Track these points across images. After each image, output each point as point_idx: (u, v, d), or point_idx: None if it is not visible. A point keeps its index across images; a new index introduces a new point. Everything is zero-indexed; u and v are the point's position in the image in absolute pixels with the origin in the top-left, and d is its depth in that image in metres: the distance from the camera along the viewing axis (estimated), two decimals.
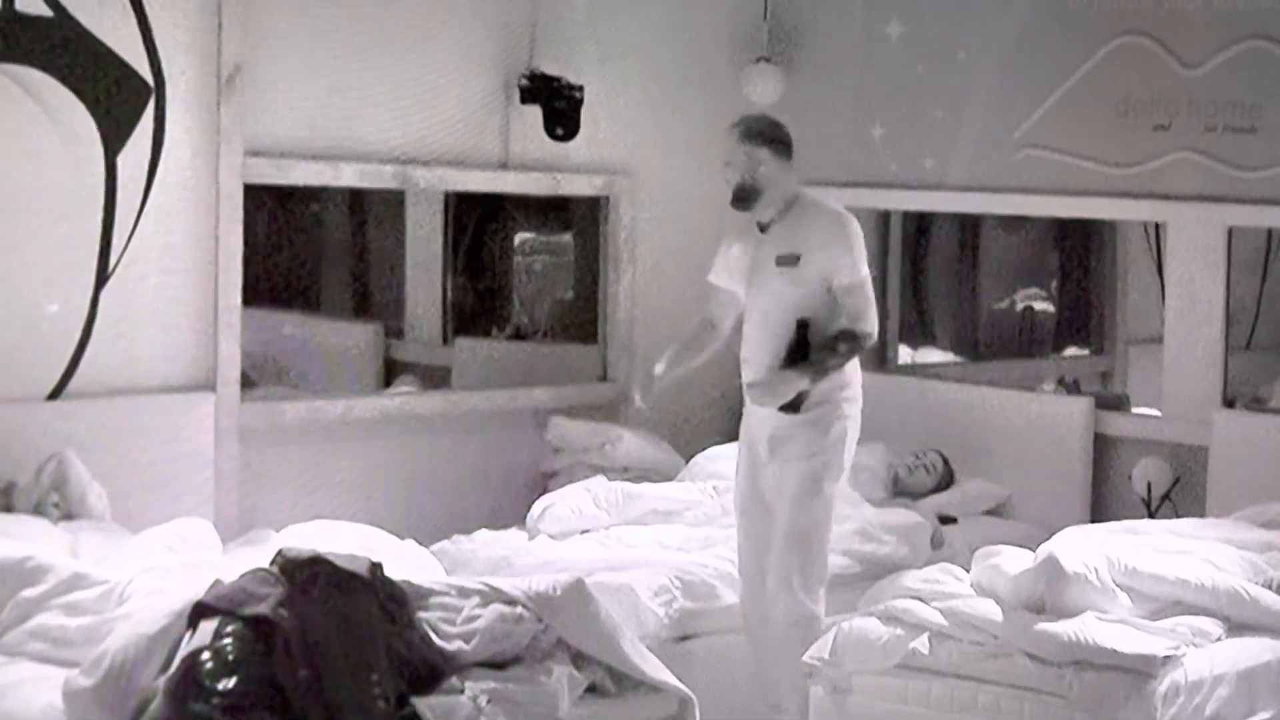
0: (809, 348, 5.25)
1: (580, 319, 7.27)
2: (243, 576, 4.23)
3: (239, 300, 5.87)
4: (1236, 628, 5.03)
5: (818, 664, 5.09)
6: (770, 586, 5.29)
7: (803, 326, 5.26)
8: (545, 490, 6.44)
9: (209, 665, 3.95)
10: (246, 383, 6.00)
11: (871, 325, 5.33)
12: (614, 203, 7.00)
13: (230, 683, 3.92)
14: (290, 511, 5.79)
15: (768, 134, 5.40)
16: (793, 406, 5.31)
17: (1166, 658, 4.73)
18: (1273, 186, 6.29)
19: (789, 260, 5.31)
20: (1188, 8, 6.45)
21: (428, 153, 6.43)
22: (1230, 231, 6.42)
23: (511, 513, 6.36)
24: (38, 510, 5.14)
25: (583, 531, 6.10)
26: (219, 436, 5.77)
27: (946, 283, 7.74)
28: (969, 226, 7.75)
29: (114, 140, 5.55)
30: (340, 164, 6.20)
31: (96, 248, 5.54)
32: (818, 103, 7.30)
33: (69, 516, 5.20)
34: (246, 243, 5.89)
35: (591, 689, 4.42)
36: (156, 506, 5.45)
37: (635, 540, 5.99)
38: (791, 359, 5.26)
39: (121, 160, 5.57)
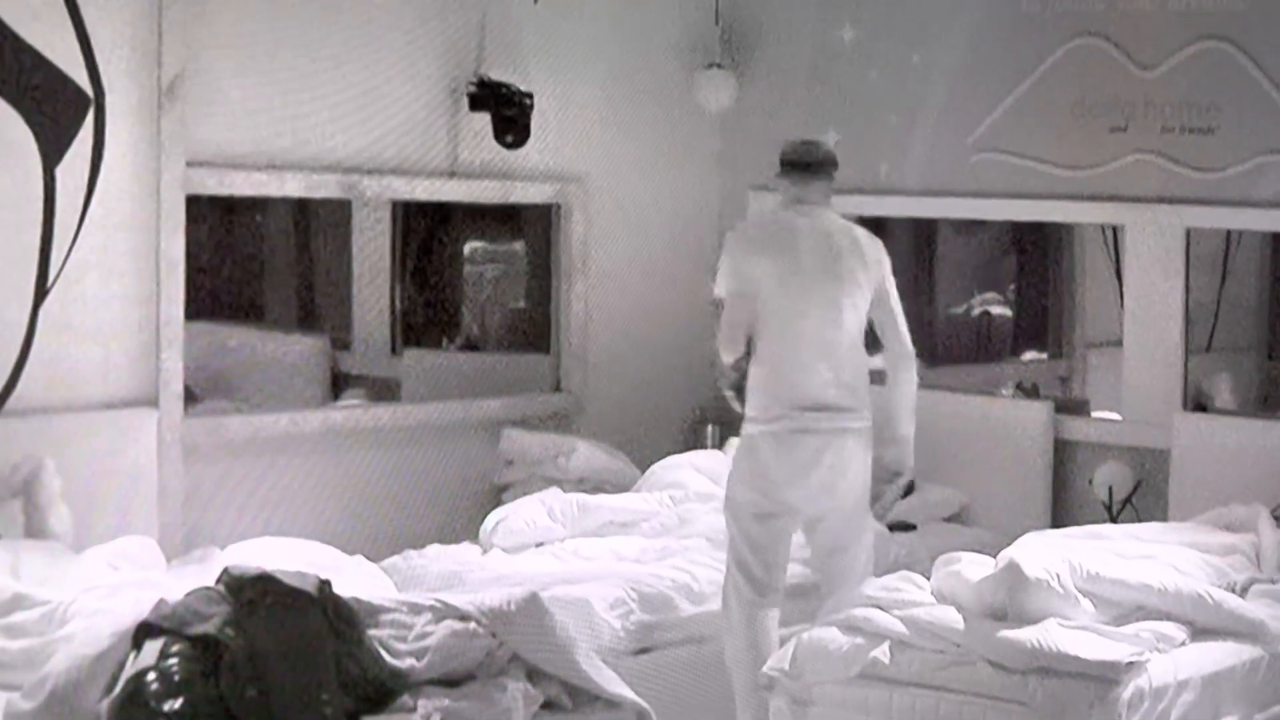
0: None
1: (533, 329, 7.25)
2: (188, 595, 4.20)
3: (181, 313, 5.81)
4: (1200, 632, 5.03)
5: (777, 675, 5.05)
6: None
7: None
8: (498, 503, 6.41)
9: (154, 686, 3.93)
10: (190, 397, 5.95)
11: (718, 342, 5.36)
12: (566, 210, 6.97)
13: (176, 704, 3.90)
14: (236, 528, 5.75)
15: None
16: None
17: (1130, 664, 4.72)
18: (1231, 187, 6.30)
19: None
20: (1143, 9, 6.45)
21: (374, 161, 6.39)
22: (1189, 233, 6.43)
23: (464, 527, 6.32)
24: None
25: (537, 544, 6.07)
26: (162, 453, 5.70)
27: (902, 288, 7.65)
28: (925, 231, 7.73)
29: (52, 152, 5.48)
30: (284, 174, 6.15)
31: (35, 261, 5.46)
32: (770, 108, 7.29)
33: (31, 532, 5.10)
34: (189, 255, 5.83)
35: (547, 705, 4.43)
36: (99, 525, 5.38)
37: (591, 552, 5.95)
38: None
39: (60, 172, 5.50)
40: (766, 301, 5.23)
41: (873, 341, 5.49)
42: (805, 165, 5.39)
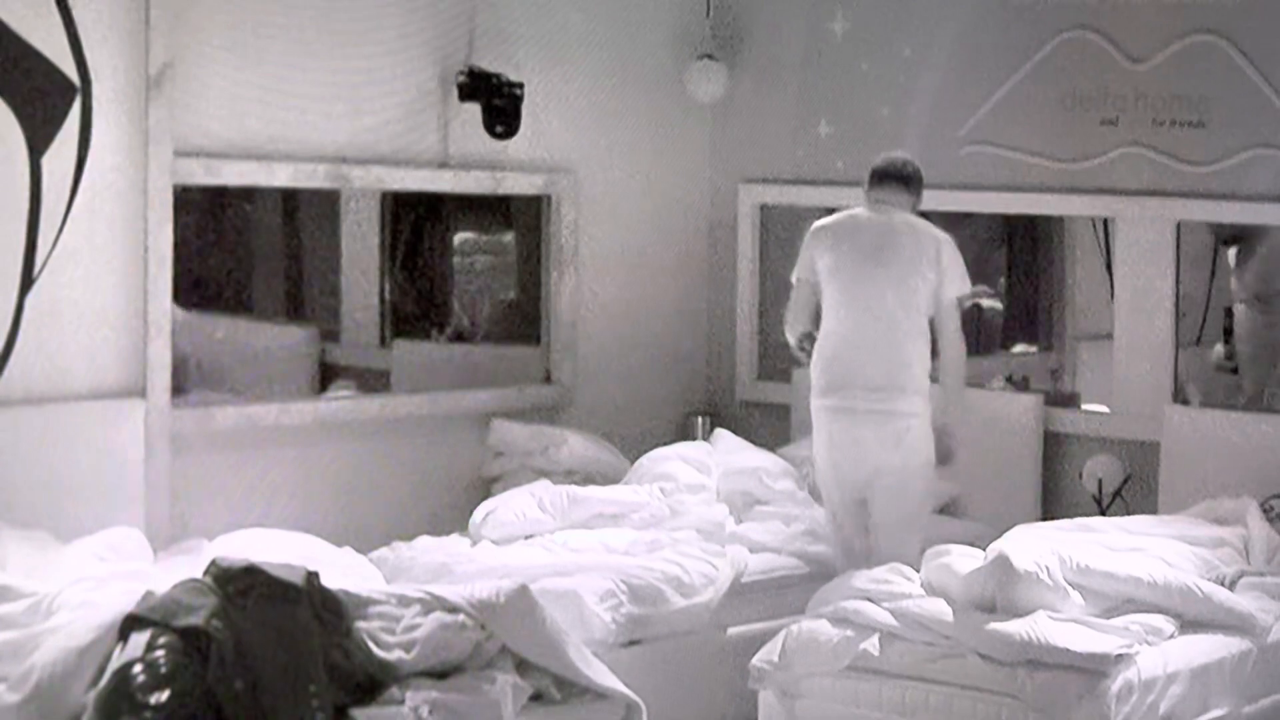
0: None
1: (522, 320, 7.24)
2: (175, 587, 4.21)
3: (169, 304, 5.77)
4: (1189, 625, 5.06)
5: (766, 668, 5.05)
6: None
7: None
8: (488, 495, 6.38)
9: (141, 678, 3.94)
10: (178, 388, 5.89)
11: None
12: (556, 201, 6.95)
13: (163, 696, 3.91)
14: (224, 520, 5.71)
15: None
16: None
17: (1119, 656, 4.74)
18: (1221, 181, 6.31)
19: None
20: (1134, 2, 6.46)
21: (363, 151, 6.36)
22: (1179, 226, 6.43)
23: (453, 518, 6.29)
24: None
25: (527, 536, 6.04)
26: (150, 443, 5.66)
27: None
28: None
29: (38, 141, 5.44)
30: (273, 163, 6.12)
31: (21, 251, 5.42)
32: (762, 100, 7.29)
33: None
34: (176, 245, 5.79)
35: (537, 697, 4.44)
36: (86, 516, 5.34)
37: (581, 544, 5.93)
38: None
39: (46, 161, 5.46)
40: (825, 287, 5.74)
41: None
42: (879, 173, 5.86)
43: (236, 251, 7.10)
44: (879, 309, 5.66)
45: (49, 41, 5.42)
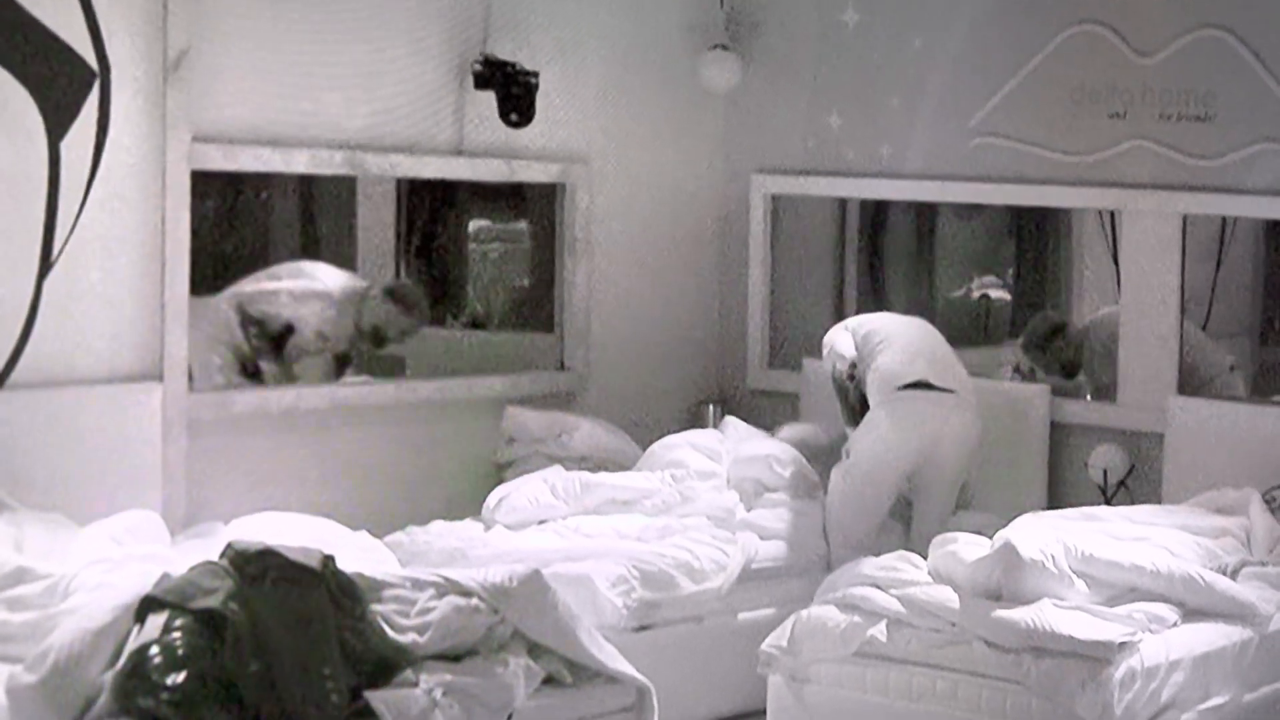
0: None
1: (536, 307, 7.25)
2: (192, 569, 4.22)
3: (186, 289, 5.79)
4: (1192, 614, 5.08)
5: (775, 653, 5.09)
6: None
7: None
8: (501, 480, 6.40)
9: (157, 660, 3.95)
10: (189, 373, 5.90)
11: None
12: (570, 190, 6.97)
13: (179, 677, 3.92)
14: (240, 503, 5.72)
15: None
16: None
17: (1123, 644, 4.77)
18: (1227, 174, 6.33)
19: None
20: None
21: (380, 139, 6.37)
22: (1185, 219, 6.45)
23: (467, 503, 6.31)
24: None
25: (540, 521, 6.07)
26: (166, 427, 5.69)
27: (903, 271, 7.74)
28: (925, 214, 7.75)
29: (57, 126, 5.45)
30: (290, 150, 6.13)
31: (39, 235, 5.44)
32: (775, 90, 7.30)
33: None
34: (194, 230, 5.81)
35: (549, 680, 4.45)
36: (103, 499, 5.37)
37: (593, 530, 5.96)
38: None
39: (65, 146, 5.47)
40: (886, 346, 6.39)
41: None
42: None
43: (253, 238, 7.09)
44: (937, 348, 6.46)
45: (68, 28, 5.44)
